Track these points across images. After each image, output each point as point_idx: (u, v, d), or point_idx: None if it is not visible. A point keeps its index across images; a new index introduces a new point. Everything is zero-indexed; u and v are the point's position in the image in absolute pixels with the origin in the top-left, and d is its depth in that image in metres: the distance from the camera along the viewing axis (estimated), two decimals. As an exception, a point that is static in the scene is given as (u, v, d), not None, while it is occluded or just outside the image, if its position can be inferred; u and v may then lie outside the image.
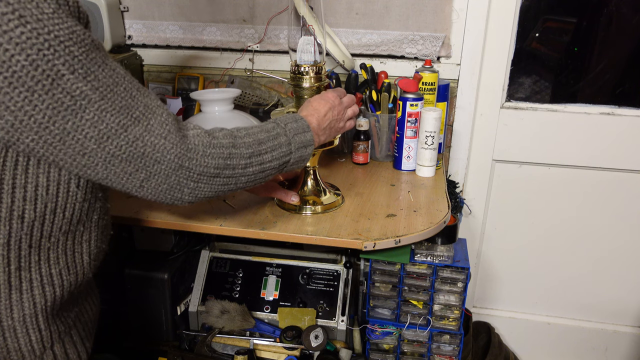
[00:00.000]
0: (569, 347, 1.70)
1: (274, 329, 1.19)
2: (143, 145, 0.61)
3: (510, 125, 1.48)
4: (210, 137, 0.70)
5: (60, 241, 0.66)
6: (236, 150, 0.73)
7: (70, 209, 0.64)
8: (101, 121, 0.57)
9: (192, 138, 0.67)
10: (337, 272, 1.23)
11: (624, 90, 1.44)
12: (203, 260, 1.27)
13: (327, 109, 0.90)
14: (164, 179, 0.65)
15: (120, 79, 0.60)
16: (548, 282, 1.65)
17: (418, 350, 1.20)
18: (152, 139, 0.62)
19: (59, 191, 0.62)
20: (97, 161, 0.60)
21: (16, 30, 0.50)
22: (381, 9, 1.41)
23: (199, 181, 0.68)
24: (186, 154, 0.66)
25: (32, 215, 0.61)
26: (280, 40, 1.49)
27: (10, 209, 0.59)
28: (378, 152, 1.35)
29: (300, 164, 0.85)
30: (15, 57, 0.50)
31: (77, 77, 0.55)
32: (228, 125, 1.25)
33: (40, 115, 0.54)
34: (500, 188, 1.57)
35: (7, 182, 0.58)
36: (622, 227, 1.53)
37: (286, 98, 1.54)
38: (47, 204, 0.62)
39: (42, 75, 0.52)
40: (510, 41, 1.41)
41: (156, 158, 0.63)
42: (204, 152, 0.68)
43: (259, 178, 0.78)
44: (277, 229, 0.97)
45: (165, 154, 0.64)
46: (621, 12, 1.38)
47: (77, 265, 0.69)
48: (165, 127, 0.64)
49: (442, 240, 1.13)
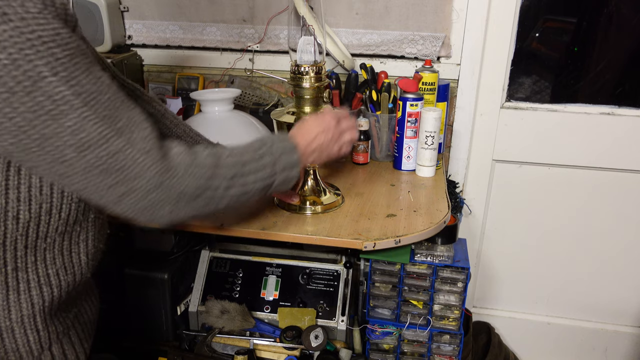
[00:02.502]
0: (569, 347, 1.70)
1: (274, 329, 1.19)
2: (124, 159, 0.59)
3: (511, 125, 1.48)
4: (193, 156, 0.67)
5: (57, 241, 0.66)
6: (219, 170, 0.69)
7: (66, 209, 0.64)
8: (82, 129, 0.55)
9: (174, 156, 0.64)
10: (337, 272, 1.23)
11: (624, 90, 1.44)
12: (203, 260, 1.27)
13: (319, 130, 0.87)
14: (143, 195, 0.62)
15: (105, 87, 0.58)
16: (548, 282, 1.65)
17: (418, 350, 1.20)
18: (133, 152, 0.60)
19: (53, 192, 0.61)
20: (75, 170, 0.58)
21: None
22: (381, 9, 1.41)
23: (179, 200, 0.65)
24: (167, 172, 0.63)
25: (26, 216, 0.60)
26: (280, 40, 1.49)
27: (5, 210, 0.59)
28: (378, 152, 1.35)
29: (285, 186, 0.81)
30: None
31: (59, 80, 0.53)
32: (228, 125, 1.26)
33: (20, 118, 0.52)
34: (500, 188, 1.57)
35: (0, 184, 0.57)
36: (622, 227, 1.53)
37: (286, 98, 1.54)
38: (42, 204, 0.61)
39: (23, 75, 0.51)
40: (510, 41, 1.41)
41: (136, 173, 0.60)
42: (185, 172, 0.65)
43: (242, 199, 0.74)
44: (277, 229, 0.97)
45: (146, 170, 0.61)
46: (621, 12, 1.39)
47: (75, 265, 0.69)
48: (148, 143, 0.61)
49: (442, 240, 1.13)
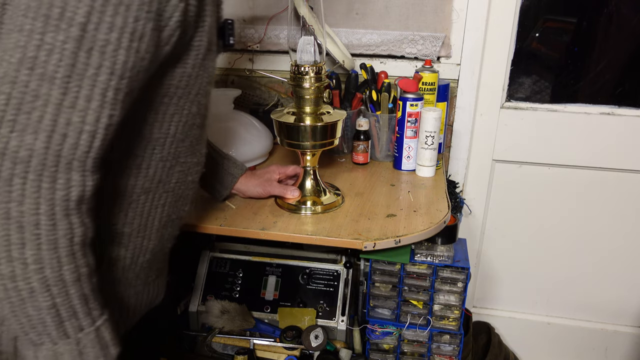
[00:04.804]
0: (569, 347, 1.70)
1: (274, 329, 1.19)
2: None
3: (510, 125, 1.48)
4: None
5: (141, 199, 0.67)
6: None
7: (153, 166, 0.65)
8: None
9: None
10: (337, 272, 1.23)
11: (624, 90, 1.44)
12: (203, 260, 1.27)
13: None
14: None
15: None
16: (548, 282, 1.65)
17: (418, 350, 1.20)
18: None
19: (147, 148, 0.64)
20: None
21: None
22: (381, 9, 1.41)
23: None
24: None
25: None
26: (280, 40, 1.49)
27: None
28: (378, 152, 1.35)
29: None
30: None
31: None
32: (228, 125, 1.26)
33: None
34: (500, 188, 1.57)
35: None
36: (622, 227, 1.53)
37: (286, 98, 1.54)
38: (136, 158, 0.63)
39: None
40: (510, 41, 1.41)
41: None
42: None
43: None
44: (277, 229, 0.97)
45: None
46: (621, 12, 1.38)
47: (148, 228, 0.69)
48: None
49: (442, 240, 1.13)
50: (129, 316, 0.74)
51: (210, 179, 1.01)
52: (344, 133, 1.35)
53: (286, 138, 1.02)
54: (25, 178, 0.48)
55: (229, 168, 1.02)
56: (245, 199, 1.09)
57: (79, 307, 0.53)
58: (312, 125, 0.98)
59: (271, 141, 1.32)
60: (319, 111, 1.01)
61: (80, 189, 0.51)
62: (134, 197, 0.66)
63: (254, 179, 1.05)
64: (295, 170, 1.10)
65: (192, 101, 0.66)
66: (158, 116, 0.63)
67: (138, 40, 0.52)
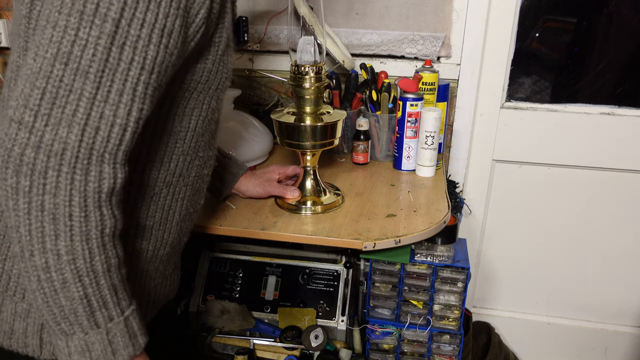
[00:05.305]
0: (569, 347, 1.70)
1: (274, 329, 1.19)
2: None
3: (510, 125, 1.48)
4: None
5: (163, 193, 0.67)
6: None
7: (175, 159, 0.66)
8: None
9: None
10: (337, 272, 1.23)
11: (624, 90, 1.44)
12: (203, 260, 1.27)
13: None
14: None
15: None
16: (548, 282, 1.65)
17: (418, 350, 1.20)
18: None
19: (169, 142, 0.65)
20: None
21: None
22: (381, 9, 1.41)
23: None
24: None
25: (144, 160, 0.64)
26: (280, 40, 1.49)
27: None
28: (378, 152, 1.35)
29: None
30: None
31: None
32: (228, 125, 1.26)
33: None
34: (500, 188, 1.57)
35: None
36: (622, 227, 1.53)
37: (286, 98, 1.54)
38: (158, 151, 0.64)
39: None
40: (510, 41, 1.41)
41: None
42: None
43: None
44: (277, 229, 0.97)
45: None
46: (621, 12, 1.39)
47: (169, 221, 0.70)
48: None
49: (442, 240, 1.13)
50: (150, 308, 0.75)
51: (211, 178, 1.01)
52: (344, 133, 1.35)
53: (286, 138, 1.02)
54: (60, 171, 0.49)
55: (230, 167, 1.02)
56: (245, 198, 1.09)
57: (109, 297, 0.54)
58: (312, 125, 0.98)
59: (271, 141, 1.32)
60: (319, 111, 1.01)
61: (111, 182, 0.52)
62: (156, 190, 0.67)
63: (254, 178, 1.05)
64: (295, 171, 1.10)
65: (211, 96, 0.67)
66: (179, 110, 0.65)
67: (168, 36, 0.53)
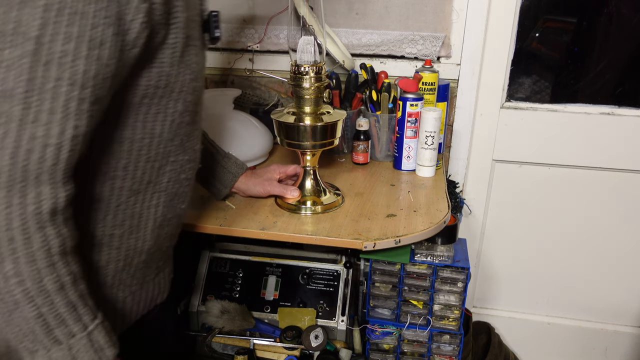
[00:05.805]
0: (569, 347, 1.70)
1: (274, 329, 1.19)
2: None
3: (510, 125, 1.48)
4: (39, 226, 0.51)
5: (130, 201, 0.66)
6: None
7: (141, 167, 0.65)
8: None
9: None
10: (337, 272, 1.23)
11: (624, 90, 1.44)
12: (203, 260, 1.27)
13: None
14: None
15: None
16: (548, 282, 1.65)
17: (418, 350, 1.20)
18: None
19: (133, 148, 0.63)
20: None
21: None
22: (381, 9, 1.41)
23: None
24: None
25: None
26: (280, 40, 1.49)
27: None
28: (378, 152, 1.35)
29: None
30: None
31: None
32: (228, 125, 1.26)
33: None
34: (500, 188, 1.57)
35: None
36: (622, 227, 1.53)
37: (286, 98, 1.54)
38: (121, 160, 0.63)
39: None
40: (510, 41, 1.41)
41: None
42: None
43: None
44: (277, 229, 0.97)
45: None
46: (621, 12, 1.38)
47: (141, 229, 0.68)
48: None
49: (442, 240, 1.13)
50: (125, 317, 0.73)
51: (211, 177, 1.01)
52: (344, 133, 1.35)
53: (286, 138, 1.02)
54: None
55: (230, 167, 1.02)
56: (245, 198, 1.09)
57: (67, 314, 0.54)
58: (312, 125, 0.98)
59: (271, 141, 1.32)
60: (319, 111, 1.01)
61: (52, 201, 0.51)
62: (122, 199, 0.65)
63: (254, 178, 1.05)
64: (296, 170, 1.10)
65: (176, 99, 0.65)
66: (139, 117, 0.62)
67: (98, 48, 0.51)
